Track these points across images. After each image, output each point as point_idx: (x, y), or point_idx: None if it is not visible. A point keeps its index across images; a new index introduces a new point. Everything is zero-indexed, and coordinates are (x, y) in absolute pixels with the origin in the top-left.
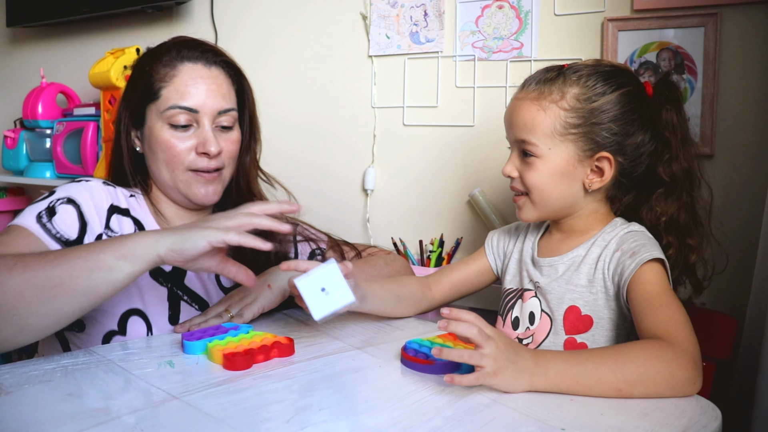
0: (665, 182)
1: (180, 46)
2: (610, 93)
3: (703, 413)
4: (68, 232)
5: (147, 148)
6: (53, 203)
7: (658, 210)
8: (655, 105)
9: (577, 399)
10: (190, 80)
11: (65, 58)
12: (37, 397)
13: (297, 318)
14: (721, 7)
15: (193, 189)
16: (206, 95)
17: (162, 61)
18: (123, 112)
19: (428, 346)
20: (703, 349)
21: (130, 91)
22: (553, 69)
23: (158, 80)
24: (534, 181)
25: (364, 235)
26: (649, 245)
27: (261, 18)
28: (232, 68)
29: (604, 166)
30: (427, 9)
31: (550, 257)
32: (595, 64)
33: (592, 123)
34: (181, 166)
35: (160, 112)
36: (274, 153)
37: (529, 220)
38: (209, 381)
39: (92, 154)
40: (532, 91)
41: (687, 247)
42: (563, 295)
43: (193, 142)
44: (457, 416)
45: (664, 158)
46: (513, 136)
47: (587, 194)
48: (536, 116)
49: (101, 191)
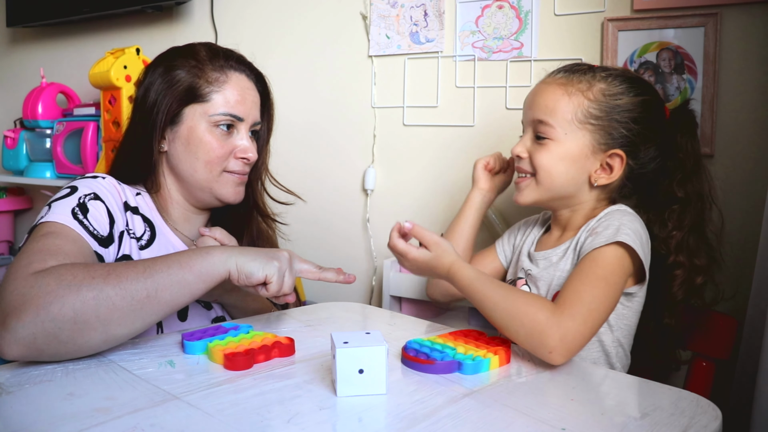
0: (678, 199)
1: (227, 55)
2: (634, 95)
3: (703, 413)
4: (101, 229)
5: (180, 146)
6: (83, 199)
7: (670, 226)
8: (670, 127)
9: (578, 399)
10: (240, 89)
11: (65, 58)
12: (38, 397)
13: (297, 318)
14: (721, 7)
15: (227, 189)
16: (251, 106)
17: (212, 65)
18: (157, 110)
19: (428, 346)
20: (703, 349)
21: (165, 89)
22: (583, 64)
23: (208, 83)
24: (543, 161)
25: (364, 235)
26: (614, 228)
27: (261, 18)
28: (261, 84)
29: (615, 163)
30: (427, 9)
31: (545, 251)
32: (624, 70)
33: (613, 118)
34: (219, 167)
35: (207, 115)
36: (274, 153)
37: (526, 202)
38: (210, 381)
39: (92, 154)
40: (561, 77)
41: (694, 268)
42: (551, 281)
43: (232, 146)
44: (457, 416)
45: (677, 177)
46: (531, 116)
47: (591, 189)
48: (560, 100)
49: (116, 189)
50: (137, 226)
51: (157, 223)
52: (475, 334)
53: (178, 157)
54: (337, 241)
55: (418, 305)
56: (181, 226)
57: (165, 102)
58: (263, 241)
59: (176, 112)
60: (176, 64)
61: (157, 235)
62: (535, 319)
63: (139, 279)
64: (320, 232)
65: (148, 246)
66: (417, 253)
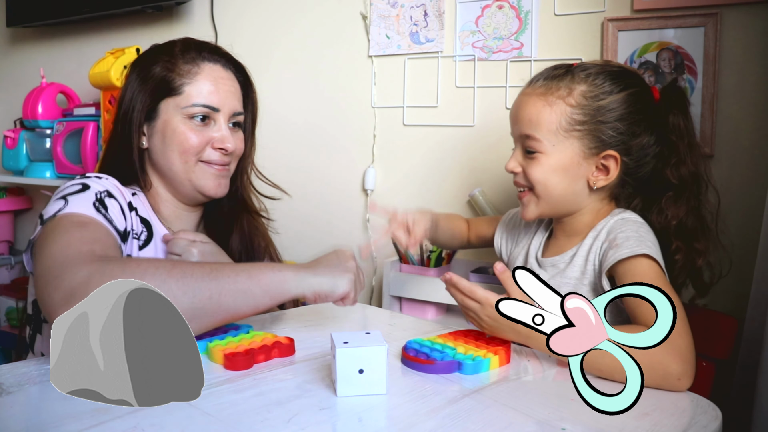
0: (673, 185)
1: (200, 47)
2: (617, 92)
3: (703, 413)
4: (119, 224)
5: (158, 141)
6: (99, 195)
7: (668, 213)
8: (661, 109)
9: (578, 399)
10: (213, 80)
11: (65, 58)
12: (38, 397)
13: (297, 318)
14: (721, 7)
15: (206, 181)
16: (226, 96)
17: (184, 58)
18: (132, 107)
19: (428, 346)
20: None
21: (140, 86)
22: (561, 67)
23: (180, 76)
24: (537, 176)
25: (364, 235)
26: (635, 239)
27: (261, 18)
28: (242, 74)
29: (610, 164)
30: (427, 9)
31: (553, 257)
32: (604, 64)
33: (598, 121)
34: (195, 157)
35: (180, 108)
36: (274, 153)
37: (532, 218)
38: (210, 381)
39: (92, 154)
40: (540, 86)
41: (694, 251)
42: (559, 288)
43: (209, 137)
44: (457, 416)
45: (671, 162)
46: (517, 131)
47: (591, 192)
48: (542, 111)
49: (119, 189)
50: (137, 226)
51: (153, 222)
52: (475, 334)
53: (156, 151)
54: (337, 241)
55: (418, 305)
56: (174, 224)
57: (140, 98)
58: (256, 236)
59: (151, 107)
60: (152, 61)
61: (153, 234)
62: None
63: (204, 279)
64: (320, 232)
65: (146, 246)
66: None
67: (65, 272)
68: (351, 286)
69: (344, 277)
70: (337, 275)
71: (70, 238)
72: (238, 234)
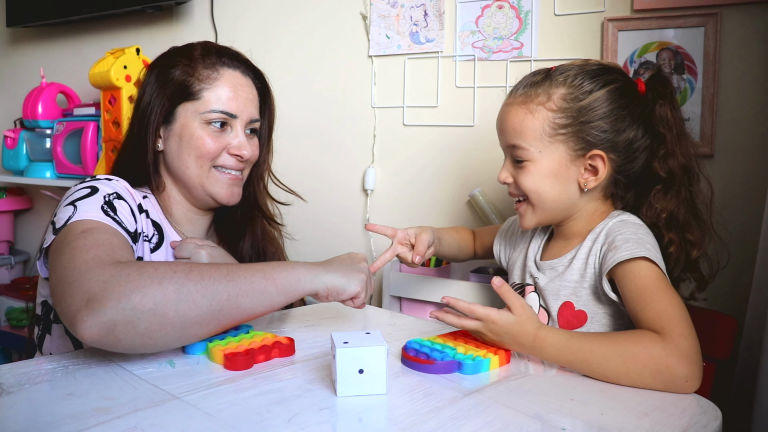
0: (662, 178)
1: (220, 52)
2: (597, 90)
3: (703, 413)
4: (130, 226)
5: (174, 144)
6: (108, 198)
7: (657, 207)
8: (647, 101)
9: (578, 399)
10: (232, 86)
11: (65, 58)
12: (38, 397)
13: (297, 318)
14: (721, 7)
15: (219, 189)
16: (245, 103)
17: (204, 62)
18: (150, 109)
19: (428, 346)
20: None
21: (158, 88)
22: (539, 72)
23: (199, 81)
24: (528, 184)
25: (364, 235)
26: (633, 241)
27: (261, 18)
28: (260, 81)
29: (598, 164)
30: (427, 9)
31: (551, 260)
32: (582, 64)
33: (581, 122)
34: (210, 163)
35: (199, 113)
36: (274, 152)
37: (531, 227)
38: (210, 381)
39: (92, 154)
40: (520, 95)
41: (688, 243)
42: (558, 291)
43: (226, 143)
44: (457, 416)
45: (659, 154)
46: (504, 141)
47: (584, 194)
48: (524, 120)
49: (129, 191)
50: (148, 229)
51: (164, 226)
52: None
53: (172, 154)
54: (337, 241)
55: (418, 305)
56: (185, 227)
57: (159, 101)
58: (268, 242)
59: (169, 110)
60: (171, 64)
61: (164, 238)
62: (654, 355)
63: (221, 280)
64: (320, 232)
65: (157, 249)
66: (498, 316)
67: (82, 278)
68: (362, 286)
69: (357, 277)
70: (349, 274)
71: (83, 245)
72: (250, 239)
